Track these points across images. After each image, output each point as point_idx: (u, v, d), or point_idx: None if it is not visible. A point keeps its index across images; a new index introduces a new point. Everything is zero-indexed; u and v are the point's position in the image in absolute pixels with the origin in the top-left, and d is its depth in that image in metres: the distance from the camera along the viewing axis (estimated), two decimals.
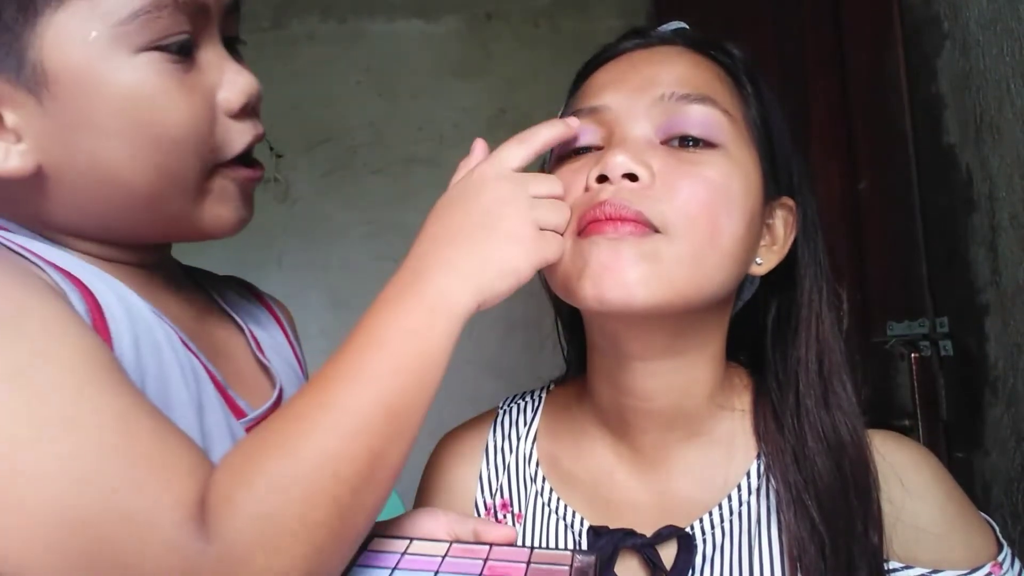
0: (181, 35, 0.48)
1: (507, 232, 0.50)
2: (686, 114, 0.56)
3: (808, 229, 0.62)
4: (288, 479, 0.40)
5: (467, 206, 0.52)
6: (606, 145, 0.57)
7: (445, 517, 0.54)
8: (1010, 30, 0.97)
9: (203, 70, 0.51)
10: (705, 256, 0.53)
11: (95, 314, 0.46)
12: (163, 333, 0.51)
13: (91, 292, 0.47)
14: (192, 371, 0.52)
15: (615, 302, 0.52)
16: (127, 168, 0.48)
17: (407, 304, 0.47)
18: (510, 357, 1.82)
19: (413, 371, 0.45)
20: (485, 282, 0.49)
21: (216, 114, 0.51)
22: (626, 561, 0.60)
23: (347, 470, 0.41)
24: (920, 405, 1.14)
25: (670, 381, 0.59)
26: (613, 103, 0.58)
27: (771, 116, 0.61)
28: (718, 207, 0.54)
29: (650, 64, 0.59)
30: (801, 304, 0.61)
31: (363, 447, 0.42)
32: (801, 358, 0.60)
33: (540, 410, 0.70)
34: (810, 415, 0.58)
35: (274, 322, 0.70)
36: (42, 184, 0.48)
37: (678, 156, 0.55)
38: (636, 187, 0.53)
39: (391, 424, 0.43)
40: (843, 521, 0.56)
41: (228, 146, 0.52)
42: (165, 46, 0.48)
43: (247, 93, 0.52)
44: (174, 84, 0.48)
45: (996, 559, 0.57)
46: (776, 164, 0.60)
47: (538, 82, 1.91)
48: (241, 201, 0.55)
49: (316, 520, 0.40)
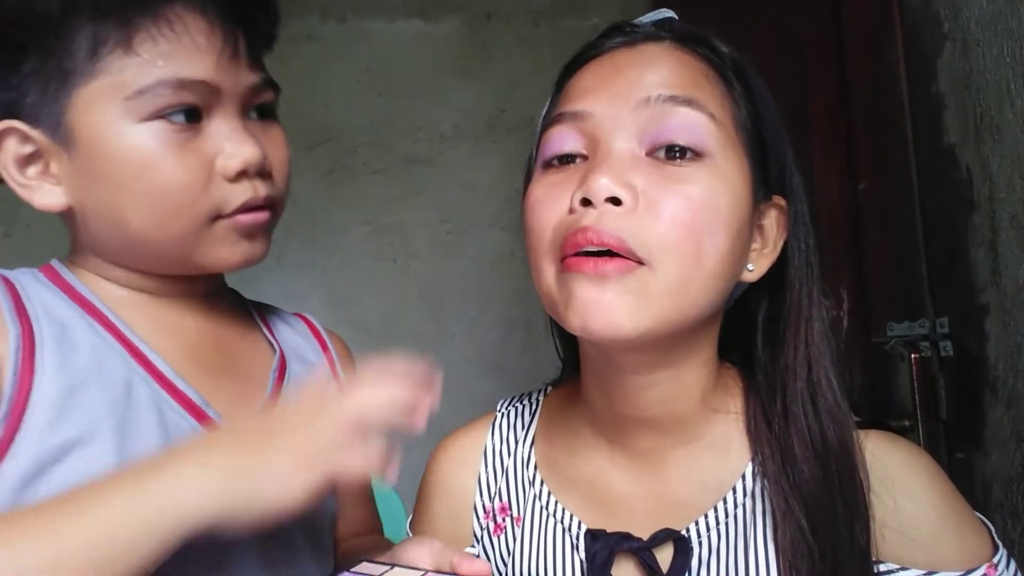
0: (182, 107, 0.57)
1: (295, 442, 0.46)
2: (671, 119, 0.54)
3: (799, 229, 0.61)
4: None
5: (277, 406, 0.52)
6: (590, 155, 0.56)
7: (430, 547, 0.55)
8: (1010, 30, 0.97)
9: (208, 138, 0.58)
10: (691, 281, 0.53)
11: (15, 300, 0.55)
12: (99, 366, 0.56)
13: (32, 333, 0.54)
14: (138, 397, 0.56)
15: (602, 334, 0.53)
16: (130, 216, 0.57)
17: (135, 479, 0.45)
18: (510, 357, 1.82)
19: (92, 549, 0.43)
20: (240, 494, 0.45)
21: (213, 176, 0.58)
22: (622, 564, 0.60)
23: None
24: (920, 405, 1.14)
25: (663, 390, 0.59)
26: (596, 110, 0.56)
27: (761, 114, 0.59)
28: (702, 228, 0.53)
29: (634, 66, 0.57)
30: (790, 307, 0.60)
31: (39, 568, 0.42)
32: (788, 363, 0.59)
33: (537, 413, 0.70)
34: (797, 420, 0.58)
35: (323, 356, 0.73)
36: (73, 219, 0.60)
37: (663, 172, 0.54)
38: (619, 211, 0.52)
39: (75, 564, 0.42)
40: (830, 525, 0.55)
41: (225, 204, 0.59)
42: (167, 115, 0.56)
43: (245, 162, 0.58)
44: (172, 149, 0.56)
45: (991, 560, 0.57)
46: (767, 165, 0.59)
47: (538, 82, 1.90)
48: (246, 241, 0.61)
49: None
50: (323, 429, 0.47)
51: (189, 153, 0.57)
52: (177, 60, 0.56)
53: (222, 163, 0.58)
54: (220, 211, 0.59)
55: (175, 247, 0.59)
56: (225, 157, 0.58)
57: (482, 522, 0.67)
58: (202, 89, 0.57)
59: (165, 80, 0.55)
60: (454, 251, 1.89)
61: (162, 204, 0.57)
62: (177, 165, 0.56)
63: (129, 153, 0.56)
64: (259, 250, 0.63)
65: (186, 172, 0.57)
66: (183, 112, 0.56)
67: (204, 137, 0.58)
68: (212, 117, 0.58)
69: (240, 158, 0.58)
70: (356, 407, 0.47)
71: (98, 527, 0.43)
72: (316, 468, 0.46)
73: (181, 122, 0.56)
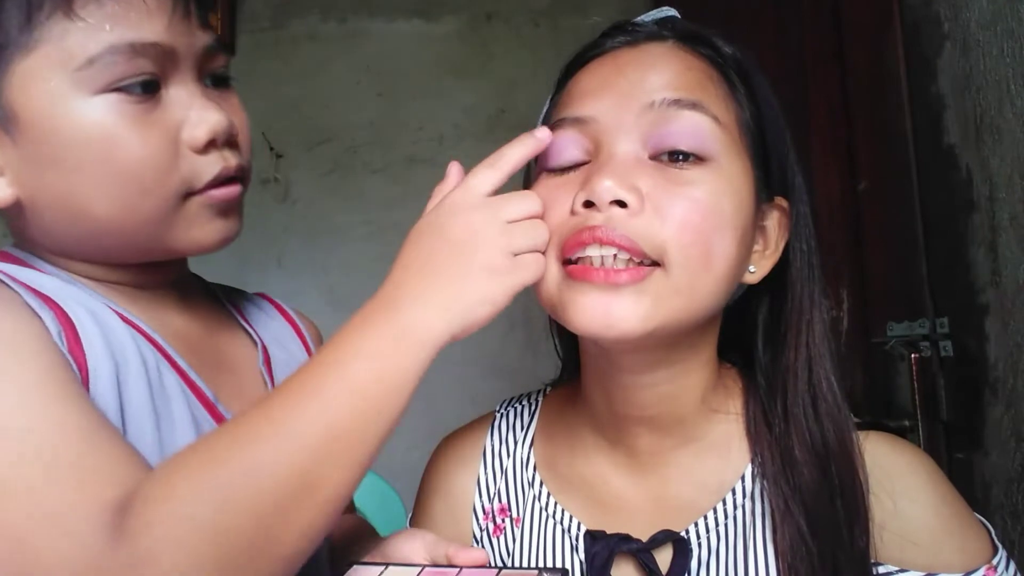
0: (140, 77, 0.51)
1: (480, 263, 0.50)
2: (675, 123, 0.54)
3: (801, 230, 0.60)
4: (209, 484, 0.40)
5: (439, 236, 0.51)
6: (592, 159, 0.56)
7: (422, 540, 0.54)
8: (1010, 31, 0.97)
9: (168, 108, 0.53)
10: (699, 283, 0.53)
11: (69, 334, 0.49)
12: (135, 350, 0.53)
13: (66, 314, 0.50)
14: (170, 387, 0.54)
15: (608, 335, 0.52)
16: (92, 202, 0.52)
17: (373, 330, 0.47)
18: (510, 357, 1.81)
19: (368, 396, 0.44)
20: (457, 314, 0.48)
21: (180, 149, 0.53)
22: (622, 566, 0.59)
23: (271, 485, 0.41)
24: (920, 405, 1.14)
25: (663, 390, 0.59)
26: (599, 113, 0.55)
27: (764, 114, 0.59)
28: (710, 231, 0.52)
29: (637, 67, 0.57)
30: (791, 309, 0.59)
31: (294, 465, 0.41)
32: (789, 366, 0.59)
33: (537, 414, 0.70)
34: (798, 423, 0.57)
35: (296, 339, 0.71)
36: (22, 213, 0.53)
37: (667, 175, 0.53)
38: (624, 214, 0.52)
39: (332, 447, 0.43)
40: (830, 528, 0.55)
41: (196, 178, 0.54)
42: (125, 87, 0.51)
43: (212, 130, 0.53)
44: (133, 122, 0.51)
45: (991, 562, 0.57)
46: (769, 166, 0.59)
47: (538, 82, 1.91)
48: (220, 219, 0.56)
49: (231, 527, 0.39)
50: (502, 247, 0.51)
51: (151, 126, 0.52)
52: (126, 23, 0.50)
53: (189, 133, 0.53)
54: (191, 187, 0.54)
55: (145, 231, 0.54)
56: (191, 126, 0.53)
57: (481, 523, 0.67)
58: (157, 54, 0.51)
59: (116, 46, 0.50)
60: None
61: (128, 185, 0.51)
62: (140, 140, 0.51)
63: (84, 131, 0.50)
64: (234, 227, 0.58)
65: (150, 147, 0.51)
66: (140, 83, 0.51)
67: (164, 107, 0.53)
68: (170, 85, 0.53)
69: (207, 126, 0.53)
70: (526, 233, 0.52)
71: (359, 379, 0.44)
72: (507, 283, 0.50)
73: (139, 93, 0.51)
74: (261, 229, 1.83)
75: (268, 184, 1.90)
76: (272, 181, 1.90)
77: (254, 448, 0.41)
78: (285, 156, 1.91)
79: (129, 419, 0.50)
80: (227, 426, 0.44)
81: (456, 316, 0.48)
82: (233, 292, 0.70)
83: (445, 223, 0.52)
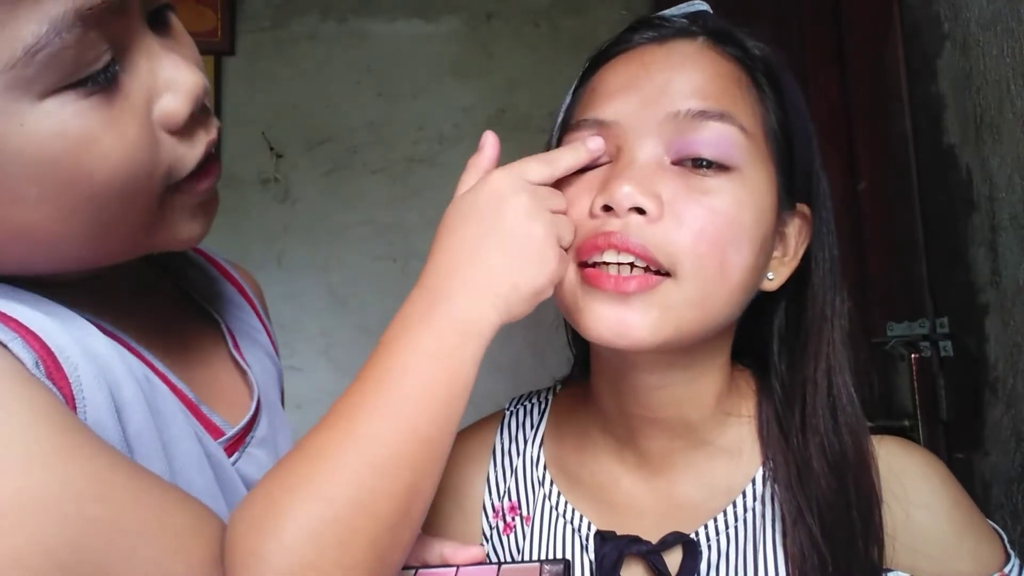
0: (99, 59, 0.38)
1: (534, 251, 0.49)
2: (701, 132, 0.52)
3: (825, 238, 0.59)
4: (322, 524, 0.38)
5: (487, 220, 0.49)
6: (613, 160, 0.54)
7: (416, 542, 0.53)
8: (1010, 30, 0.97)
9: (130, 86, 0.40)
10: (714, 296, 0.51)
11: (48, 362, 0.39)
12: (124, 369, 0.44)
13: (40, 339, 0.39)
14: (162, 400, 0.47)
15: (620, 345, 0.51)
16: (61, 230, 0.39)
17: (433, 327, 0.46)
18: (512, 356, 1.81)
19: (441, 397, 0.44)
20: (512, 303, 0.48)
21: (158, 137, 0.41)
22: (632, 567, 0.59)
23: (385, 508, 0.39)
24: (920, 405, 1.14)
25: (675, 393, 0.58)
26: (622, 117, 0.54)
27: (792, 120, 0.57)
28: (727, 242, 0.51)
29: (664, 68, 0.55)
30: (812, 319, 0.58)
31: (400, 481, 0.40)
32: (809, 376, 0.58)
33: (547, 412, 0.69)
34: (817, 434, 0.56)
35: (245, 302, 0.65)
36: None
37: (688, 182, 0.52)
38: (642, 221, 0.50)
39: (425, 454, 0.42)
40: (844, 538, 0.54)
41: (179, 166, 0.43)
42: (81, 80, 0.37)
43: (192, 96, 0.41)
44: (98, 123, 0.38)
45: (1003, 570, 0.56)
46: (794, 173, 0.57)
47: (538, 82, 1.91)
48: (202, 216, 0.47)
49: (354, 562, 0.38)
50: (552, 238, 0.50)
51: (120, 118, 0.39)
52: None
53: (165, 108, 0.41)
54: (172, 179, 0.43)
55: (121, 248, 0.43)
56: (166, 98, 0.41)
57: (491, 521, 0.66)
58: (108, 15, 0.37)
59: (58, 21, 0.35)
60: None
61: (106, 201, 0.39)
62: (113, 140, 0.39)
63: (36, 148, 0.37)
64: (212, 217, 0.49)
65: (126, 144, 0.39)
66: (99, 69, 0.38)
67: (127, 85, 0.40)
68: (125, 55, 0.40)
69: (185, 95, 0.41)
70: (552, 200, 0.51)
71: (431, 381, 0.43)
72: (552, 275, 0.50)
73: (100, 83, 0.38)
74: (261, 229, 1.83)
75: (268, 184, 1.90)
76: (272, 181, 1.90)
77: (354, 476, 0.39)
78: (285, 156, 1.91)
79: (135, 444, 0.43)
80: (304, 454, 0.40)
81: (510, 306, 0.48)
82: (173, 262, 0.59)
83: (491, 207, 0.50)
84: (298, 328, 1.81)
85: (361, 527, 0.38)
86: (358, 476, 0.39)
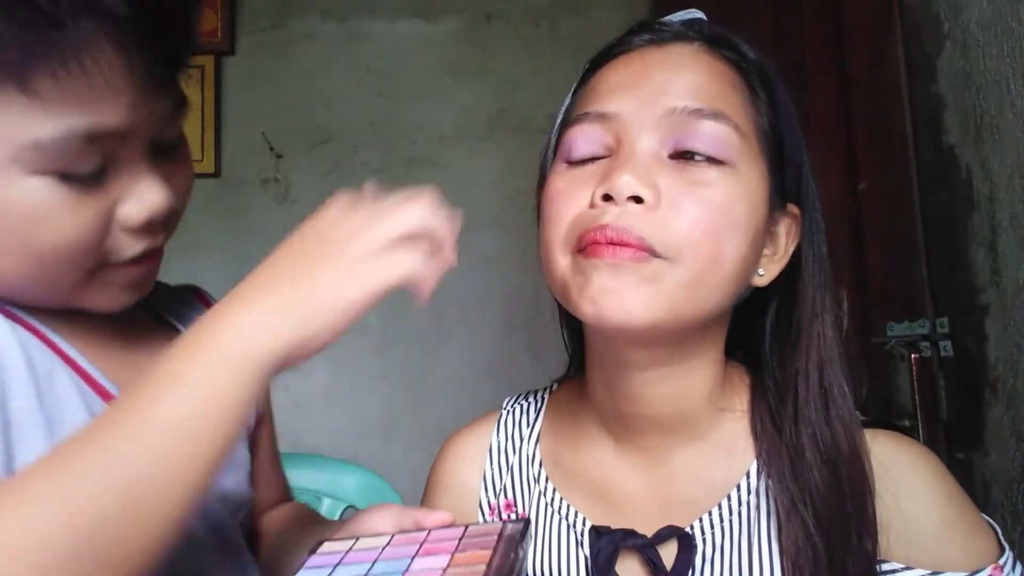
0: (89, 165, 0.46)
1: (336, 255, 0.44)
2: (696, 130, 0.55)
3: (814, 237, 0.61)
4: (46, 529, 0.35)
5: (301, 233, 0.46)
6: (613, 155, 0.57)
7: (389, 512, 0.54)
8: (1010, 31, 0.97)
9: (109, 186, 0.48)
10: (707, 280, 0.53)
11: None
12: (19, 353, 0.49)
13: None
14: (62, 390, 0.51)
15: (614, 321, 0.53)
16: (6, 273, 0.48)
17: (190, 350, 0.41)
18: (510, 357, 1.81)
19: (197, 426, 0.39)
20: (299, 321, 0.42)
21: (111, 227, 0.49)
22: (627, 561, 0.60)
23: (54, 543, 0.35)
24: (920, 405, 1.14)
25: (669, 388, 0.59)
26: (622, 111, 0.56)
27: (783, 123, 0.59)
28: (721, 232, 0.53)
29: (663, 68, 0.57)
30: (803, 314, 0.60)
31: (77, 524, 0.35)
32: (801, 370, 0.59)
33: (543, 411, 0.70)
34: (809, 427, 0.58)
35: None
36: None
37: (684, 175, 0.54)
38: (640, 209, 0.53)
39: (126, 495, 0.37)
40: (838, 530, 0.55)
41: (116, 254, 0.50)
42: (67, 175, 0.46)
43: (150, 212, 0.49)
44: (65, 206, 0.46)
45: (997, 562, 0.57)
46: (784, 174, 0.59)
47: (538, 82, 1.91)
48: (122, 290, 0.53)
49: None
50: (364, 240, 0.44)
51: (85, 209, 0.47)
52: (85, 105, 0.44)
53: (125, 212, 0.49)
54: (107, 261, 0.50)
55: (50, 296, 0.51)
56: (129, 205, 0.49)
57: (488, 519, 0.67)
58: (113, 139, 0.47)
59: (71, 134, 0.44)
60: None
61: (45, 265, 0.48)
62: (69, 225, 0.47)
63: (11, 210, 0.45)
64: (142, 294, 0.55)
65: (79, 232, 0.47)
66: (87, 173, 0.46)
67: (105, 187, 0.48)
68: (117, 164, 0.48)
69: (145, 209, 0.49)
70: (393, 220, 0.45)
71: (170, 408, 0.39)
72: (363, 279, 0.43)
73: (83, 181, 0.46)
74: (261, 229, 1.82)
75: (268, 184, 1.90)
76: (272, 181, 1.90)
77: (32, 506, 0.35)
78: (285, 156, 1.91)
79: (13, 425, 0.47)
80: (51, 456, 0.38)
81: (296, 324, 0.41)
82: (161, 291, 0.65)
83: (306, 224, 0.47)
84: None
85: (87, 540, 0.35)
86: (34, 510, 0.35)
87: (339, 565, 0.47)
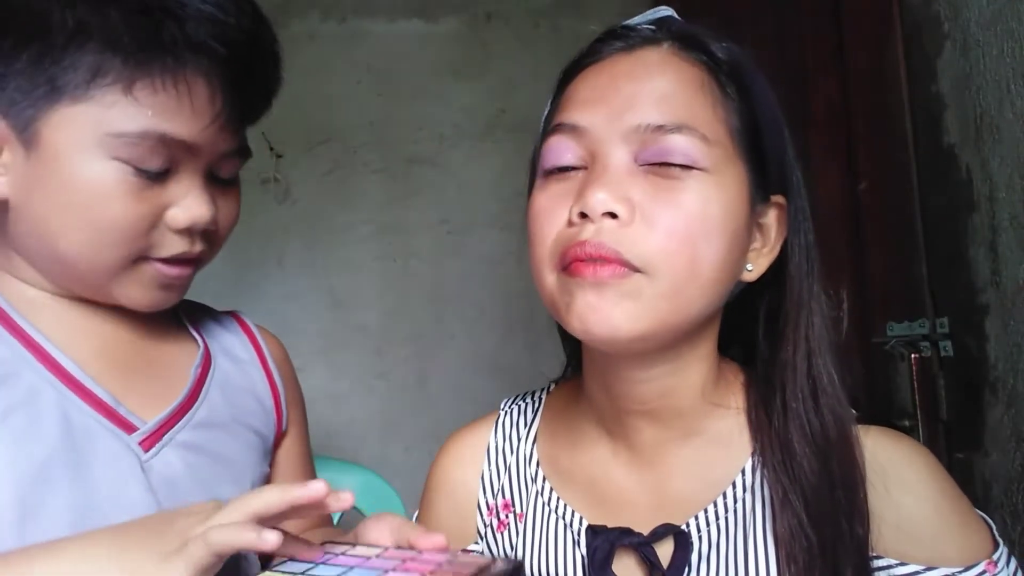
0: (155, 166, 0.57)
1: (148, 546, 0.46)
2: (663, 143, 0.55)
3: (800, 225, 0.61)
4: None
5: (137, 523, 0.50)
6: (588, 166, 0.57)
7: (389, 524, 0.54)
8: (1010, 31, 0.97)
9: (167, 190, 0.59)
10: (686, 289, 0.54)
11: None
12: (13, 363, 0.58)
13: None
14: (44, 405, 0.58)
15: (601, 336, 0.54)
16: (61, 236, 0.58)
17: None
18: (510, 357, 1.82)
19: None
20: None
21: (159, 223, 0.59)
22: (623, 559, 0.60)
23: None
24: (920, 405, 1.14)
25: (662, 384, 0.60)
26: (592, 126, 0.57)
27: (760, 115, 0.59)
28: (697, 238, 0.54)
29: (630, 79, 0.57)
30: (790, 303, 0.61)
31: None
32: (788, 360, 0.60)
33: (540, 411, 0.71)
34: (797, 416, 0.58)
35: (254, 354, 0.74)
36: (4, 212, 0.60)
37: (656, 183, 0.55)
38: (615, 225, 0.54)
39: None
40: (829, 518, 0.56)
41: (158, 248, 0.60)
42: (138, 166, 0.56)
43: (193, 220, 0.60)
44: (129, 192, 0.57)
45: (991, 557, 0.57)
46: (766, 166, 0.59)
47: (538, 82, 1.90)
48: (157, 288, 0.62)
49: None
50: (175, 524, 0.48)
51: (144, 200, 0.58)
52: (168, 116, 0.56)
53: (172, 214, 0.59)
54: (149, 253, 0.60)
55: (93, 276, 0.60)
56: (178, 211, 0.59)
57: (486, 519, 0.68)
58: (180, 148, 0.58)
59: (150, 133, 0.56)
60: (454, 251, 1.89)
61: (98, 237, 0.57)
62: (129, 208, 0.57)
63: (87, 183, 0.56)
64: (171, 299, 0.64)
65: (134, 216, 0.57)
66: (154, 170, 0.57)
67: (164, 189, 0.59)
68: (179, 173, 0.59)
69: (190, 216, 0.59)
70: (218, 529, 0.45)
71: None
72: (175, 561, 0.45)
73: (148, 176, 0.57)
74: (261, 229, 1.83)
75: (268, 184, 1.89)
76: (272, 181, 1.90)
77: None
78: (285, 156, 1.91)
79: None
80: None
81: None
82: (195, 306, 0.74)
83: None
84: (297, 328, 1.81)
85: None
86: None
87: (319, 564, 0.48)
